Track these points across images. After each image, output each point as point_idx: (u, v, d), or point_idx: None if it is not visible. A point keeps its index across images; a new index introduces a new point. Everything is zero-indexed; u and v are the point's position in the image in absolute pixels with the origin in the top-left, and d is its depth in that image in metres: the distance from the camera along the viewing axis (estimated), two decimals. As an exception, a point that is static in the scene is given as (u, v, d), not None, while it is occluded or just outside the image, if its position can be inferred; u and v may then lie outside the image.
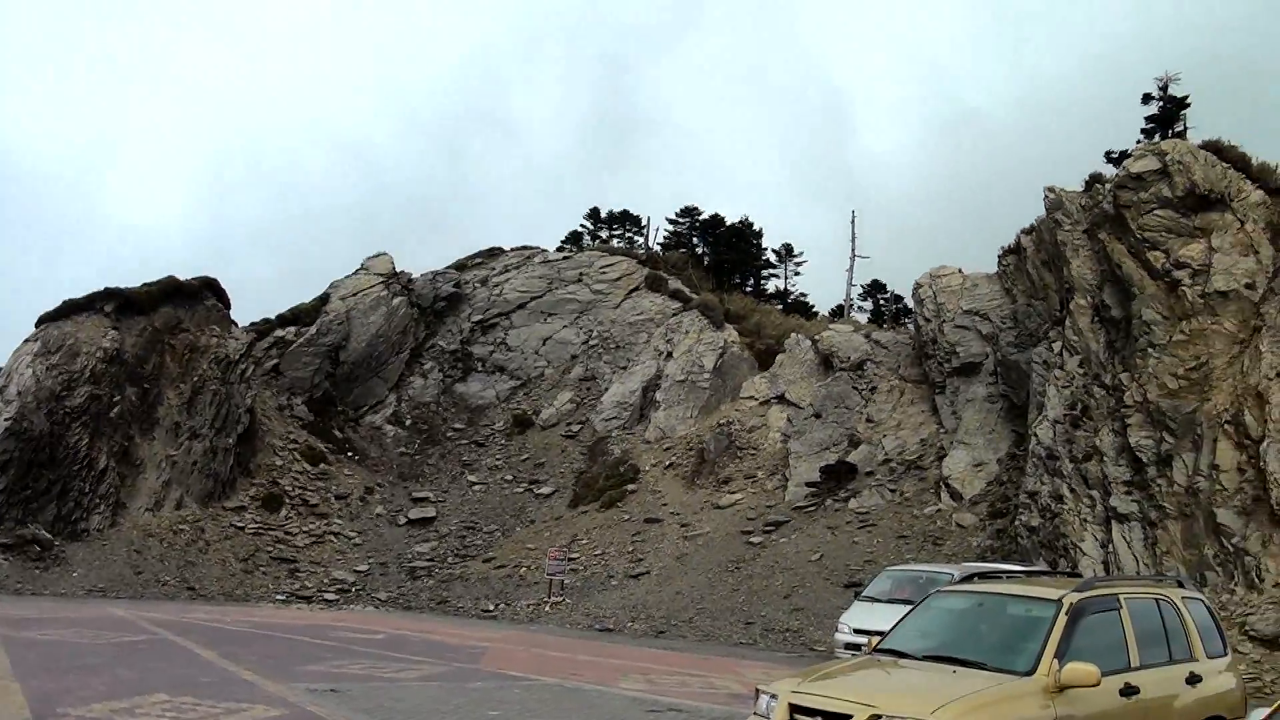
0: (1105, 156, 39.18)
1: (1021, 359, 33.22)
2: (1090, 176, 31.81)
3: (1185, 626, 9.80)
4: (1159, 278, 27.64)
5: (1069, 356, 29.68)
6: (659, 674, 19.04)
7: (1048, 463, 28.50)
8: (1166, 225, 27.97)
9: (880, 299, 59.95)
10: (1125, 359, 27.87)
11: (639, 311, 47.99)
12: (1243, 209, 27.71)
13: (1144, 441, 26.21)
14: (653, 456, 40.54)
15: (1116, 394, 27.57)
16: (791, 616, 28.33)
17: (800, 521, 33.87)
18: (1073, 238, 30.92)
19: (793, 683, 8.70)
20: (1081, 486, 27.27)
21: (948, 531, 31.29)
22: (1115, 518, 25.97)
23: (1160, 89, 39.51)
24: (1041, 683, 8.12)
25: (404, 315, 46.43)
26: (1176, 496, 25.11)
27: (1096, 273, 29.82)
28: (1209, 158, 28.77)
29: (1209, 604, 10.83)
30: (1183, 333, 26.70)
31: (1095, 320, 29.48)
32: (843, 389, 38.73)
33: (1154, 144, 31.11)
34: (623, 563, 34.45)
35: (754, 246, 60.19)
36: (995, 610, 9.58)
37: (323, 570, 36.02)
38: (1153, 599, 9.81)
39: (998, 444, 33.71)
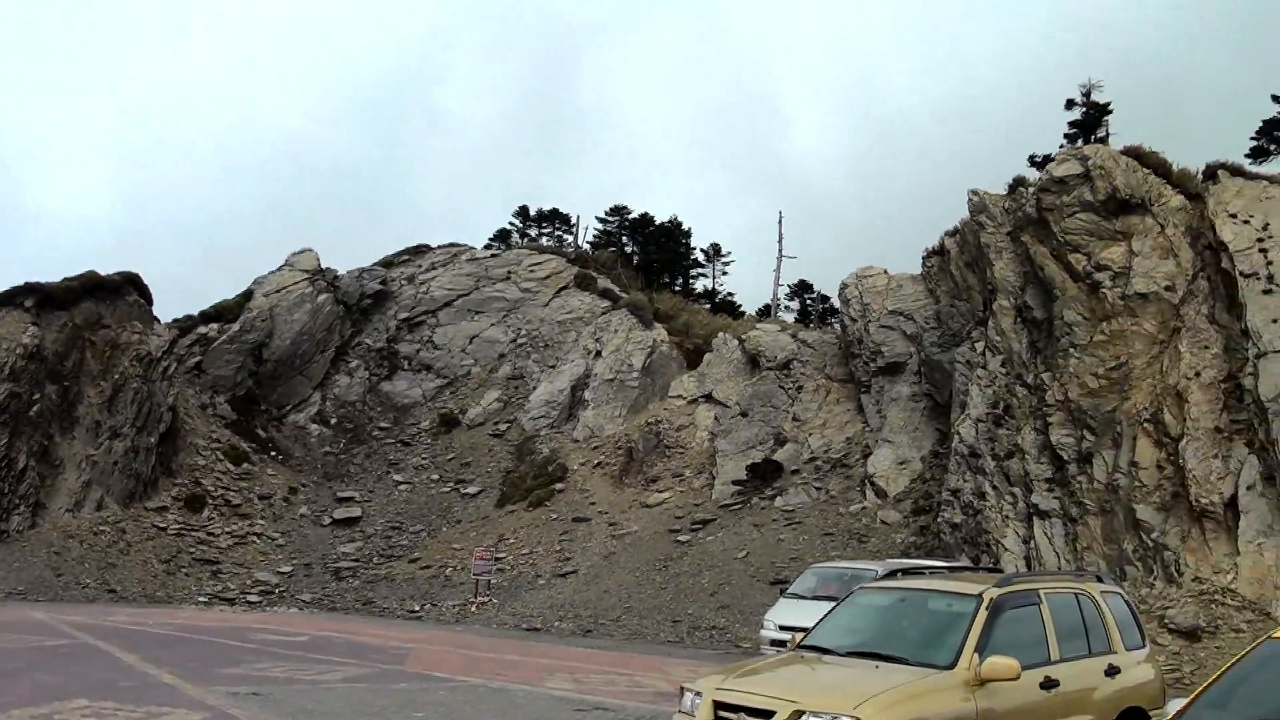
0: (1029, 160, 39.76)
1: (945, 359, 33.64)
2: (1014, 180, 32.27)
3: (1104, 620, 9.96)
4: (1080, 280, 28.13)
5: (992, 356, 30.11)
6: (586, 673, 19.00)
7: (970, 460, 28.90)
8: (1088, 228, 28.48)
9: (807, 299, 60.40)
10: (1047, 359, 28.34)
11: (568, 310, 47.93)
12: (1163, 213, 28.30)
13: (1065, 440, 26.70)
14: (581, 455, 40.48)
15: (1038, 393, 28.04)
16: (718, 614, 28.43)
17: (727, 520, 34.00)
18: (996, 240, 31.37)
19: (717, 680, 8.72)
20: (1003, 484, 27.69)
21: (872, 529, 31.61)
22: (1036, 514, 26.42)
23: (1083, 95, 40.22)
24: (963, 676, 8.22)
25: (329, 313, 45.86)
26: (1097, 493, 25.61)
27: (1019, 274, 30.29)
28: (1130, 163, 29.35)
29: (1127, 598, 11.02)
30: (1103, 333, 27.21)
31: (1018, 321, 29.95)
32: (769, 388, 38.96)
33: (1077, 149, 31.65)
34: (550, 562, 34.36)
35: (683, 246, 60.35)
36: (917, 606, 9.68)
37: (246, 572, 35.49)
38: (1072, 593, 9.96)
39: (921, 442, 34.11)
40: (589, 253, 55.02)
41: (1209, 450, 24.58)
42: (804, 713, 7.73)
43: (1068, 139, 39.05)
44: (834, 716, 7.61)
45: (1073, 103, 40.47)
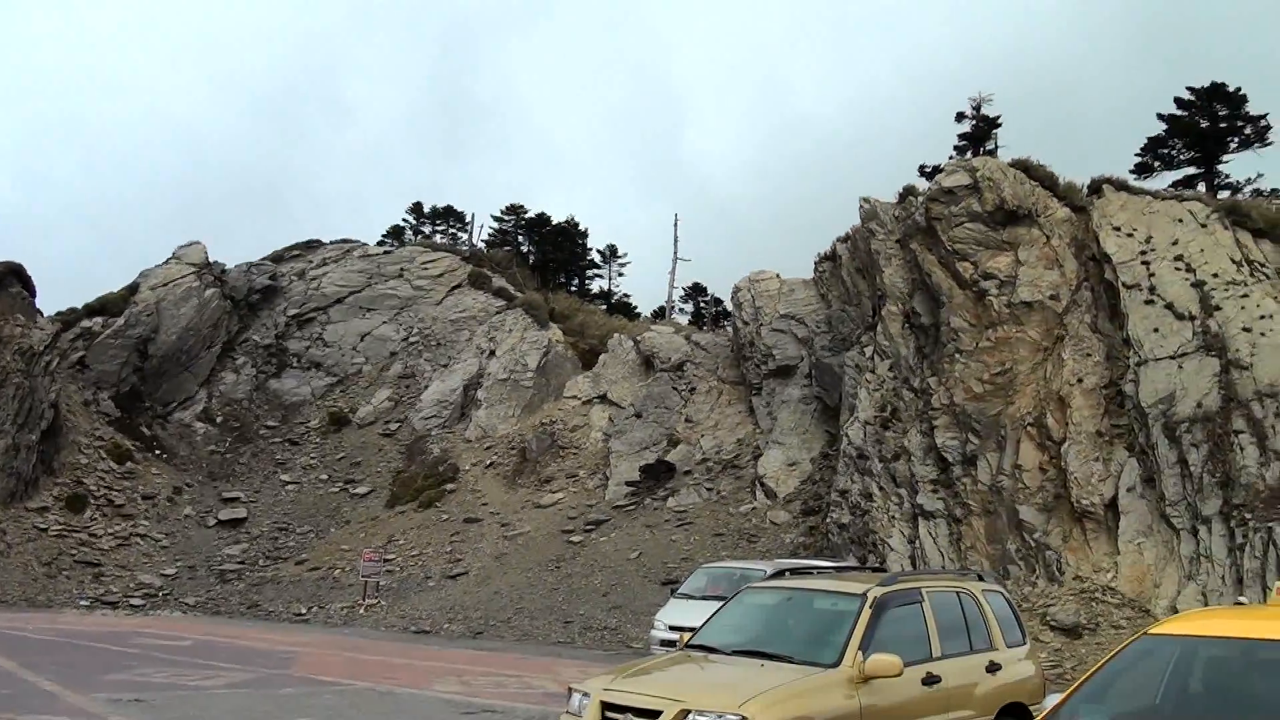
0: (919, 170, 40.53)
1: (835, 362, 34.10)
2: (904, 189, 32.79)
3: (985, 618, 10.17)
4: (967, 287, 28.76)
5: (880, 361, 30.61)
6: (474, 675, 18.89)
7: (858, 462, 29.34)
8: (976, 238, 29.12)
9: (701, 301, 60.69)
10: (934, 364, 28.90)
11: (461, 309, 47.53)
12: (1049, 225, 29.07)
13: (950, 442, 27.26)
14: (473, 456, 40.20)
15: (925, 397, 28.58)
16: (610, 614, 28.44)
17: (620, 520, 34.06)
18: (886, 247, 31.90)
19: (605, 680, 8.72)
20: (890, 485, 28.17)
21: (762, 529, 31.91)
22: (922, 515, 26.93)
23: (974, 108, 41.14)
24: (847, 674, 8.33)
25: (216, 308, 44.85)
26: (981, 494, 26.21)
27: (908, 281, 30.84)
28: (1018, 175, 30.09)
29: (1008, 596, 11.27)
30: (989, 340, 27.86)
31: (906, 326, 30.49)
32: (663, 389, 39.13)
33: (966, 160, 32.35)
34: (440, 563, 34.05)
35: (579, 246, 60.25)
36: (803, 605, 9.80)
37: (129, 574, 34.55)
38: (954, 592, 10.16)
39: (811, 444, 34.52)
40: (484, 251, 54.62)
41: (1090, 453, 25.34)
42: (690, 712, 7.76)
43: (958, 150, 39.89)
44: (719, 715, 7.65)
45: (963, 115, 41.37)
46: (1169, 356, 25.54)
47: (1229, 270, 26.68)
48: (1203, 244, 27.49)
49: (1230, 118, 39.10)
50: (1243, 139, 39.20)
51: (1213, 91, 39.12)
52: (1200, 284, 26.48)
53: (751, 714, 7.57)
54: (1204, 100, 39.20)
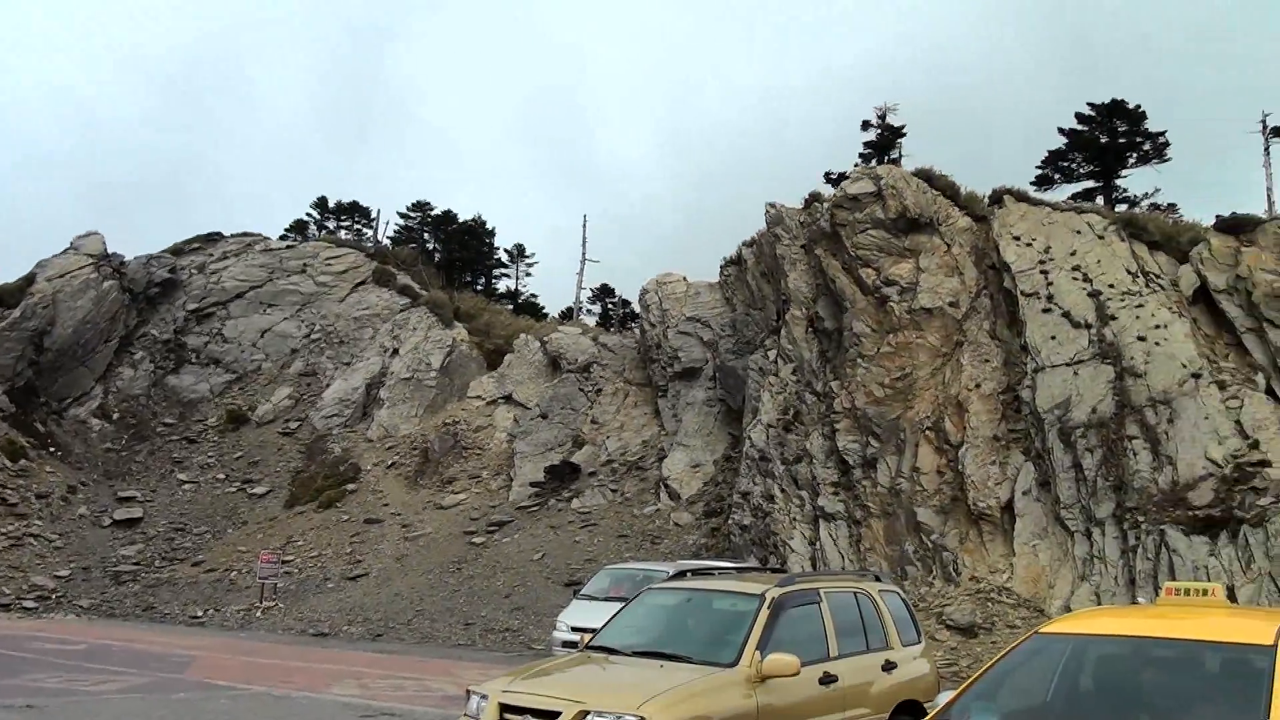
0: (825, 177, 41.03)
1: (739, 365, 34.32)
2: (810, 195, 33.08)
3: (881, 617, 10.30)
4: (870, 293, 29.12)
5: (783, 364, 30.86)
6: (373, 678, 18.67)
7: (760, 464, 29.54)
8: (879, 244, 29.50)
9: (609, 303, 60.73)
10: (836, 368, 29.21)
11: (365, 306, 46.89)
12: (950, 233, 29.58)
13: (851, 445, 27.58)
14: (375, 456, 39.71)
15: (827, 400, 28.88)
16: (511, 616, 28.28)
17: (523, 521, 33.89)
18: (791, 252, 32.17)
19: (504, 682, 8.65)
20: (791, 487, 28.41)
21: (666, 530, 31.97)
22: (823, 516, 27.21)
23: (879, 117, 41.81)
24: (745, 674, 8.36)
25: (114, 300, 43.68)
26: (880, 497, 26.56)
27: (812, 286, 31.14)
28: (921, 184, 30.57)
29: (904, 596, 11.42)
30: (890, 345, 28.24)
31: (809, 331, 30.78)
32: (569, 390, 39.05)
33: (870, 168, 32.77)
34: (340, 565, 33.56)
35: (486, 245, 59.83)
36: (702, 606, 9.82)
37: (21, 576, 33.41)
38: (851, 593, 10.27)
39: (715, 446, 34.69)
40: (389, 248, 53.94)
41: (987, 457, 25.81)
42: (588, 713, 7.73)
43: (863, 159, 40.49)
44: (618, 716, 7.63)
45: (868, 124, 42.02)
46: (1065, 363, 26.11)
47: (1125, 281, 27.35)
48: (1100, 255, 28.16)
49: (1129, 134, 40.24)
50: (1141, 155, 40.36)
51: (1113, 108, 40.21)
52: (1097, 294, 27.12)
53: (649, 714, 7.55)
54: (1104, 116, 40.28)
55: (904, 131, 41.46)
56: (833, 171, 40.67)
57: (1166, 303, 26.69)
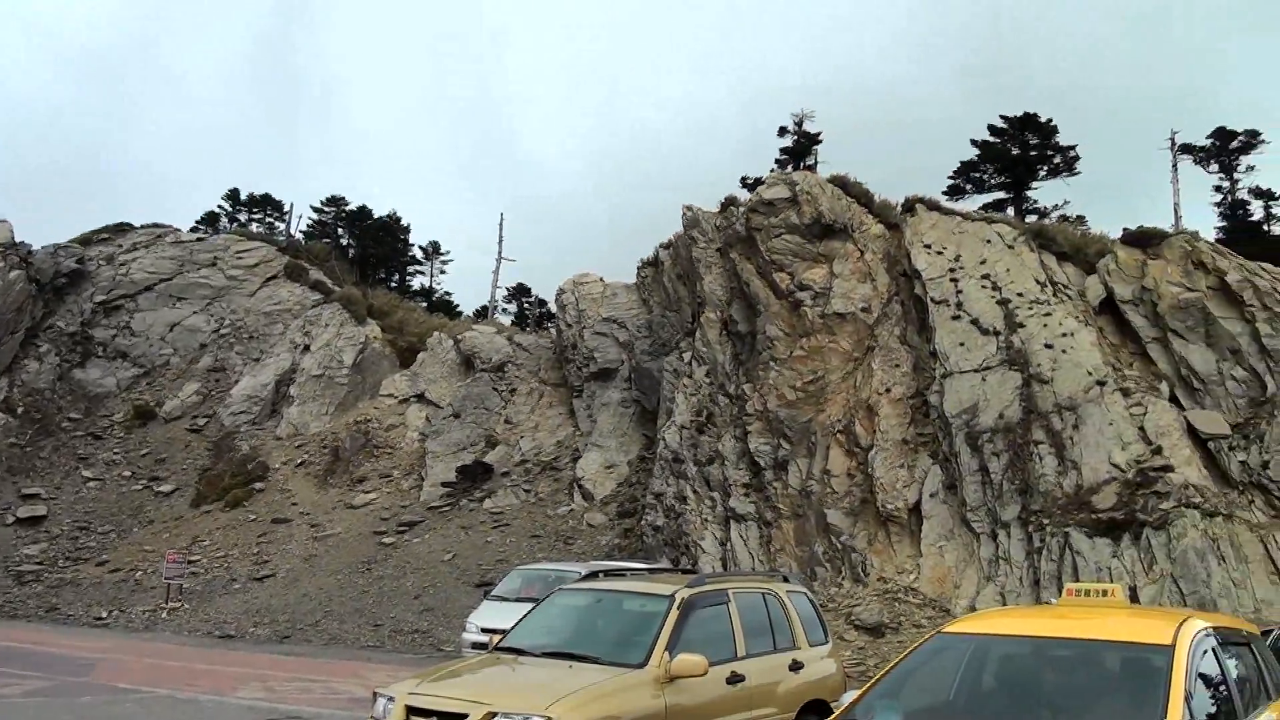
0: (741, 181, 41.37)
1: (655, 367, 34.39)
2: (726, 199, 33.33)
3: (789, 618, 10.38)
4: (783, 297, 29.37)
5: (698, 366, 30.99)
6: (280, 681, 18.41)
7: (674, 465, 29.64)
8: (793, 249, 29.78)
9: (525, 302, 60.59)
10: (749, 371, 29.42)
11: (276, 301, 46.11)
12: (863, 240, 29.96)
13: (763, 447, 27.79)
14: (284, 454, 39.07)
15: (739, 403, 29.07)
16: (421, 617, 28.02)
17: (434, 521, 33.60)
18: (707, 255, 32.34)
19: (411, 684, 8.57)
20: (704, 488, 28.54)
21: (579, 531, 31.90)
22: (734, 517, 27.37)
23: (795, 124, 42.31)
24: (653, 674, 8.37)
25: (20, 291, 42.31)
26: (791, 498, 26.80)
27: (727, 289, 31.33)
28: (835, 190, 30.94)
29: (811, 596, 11.52)
30: (802, 349, 28.52)
31: (723, 333, 30.96)
32: (483, 390, 38.82)
33: (786, 174, 33.09)
34: (247, 565, 32.95)
35: (401, 242, 59.32)
36: (612, 606, 9.82)
37: (-80, 576, 32.41)
38: (759, 593, 10.33)
39: (629, 447, 34.72)
40: (301, 243, 53.10)
41: (896, 460, 26.18)
42: (496, 714, 7.69)
43: (779, 164, 40.92)
44: (525, 717, 7.61)
45: (785, 130, 42.46)
46: (973, 370, 26.57)
47: (1033, 290, 27.91)
48: (1009, 264, 28.71)
49: (1040, 147, 41.14)
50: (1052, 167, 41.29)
51: (1025, 121, 41.08)
52: (1005, 302, 27.64)
53: (557, 715, 7.53)
54: (1016, 129, 41.15)
55: (820, 138, 42.02)
56: (749, 176, 41.02)
57: (1073, 312, 27.29)
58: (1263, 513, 23.81)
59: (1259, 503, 24.01)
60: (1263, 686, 7.09)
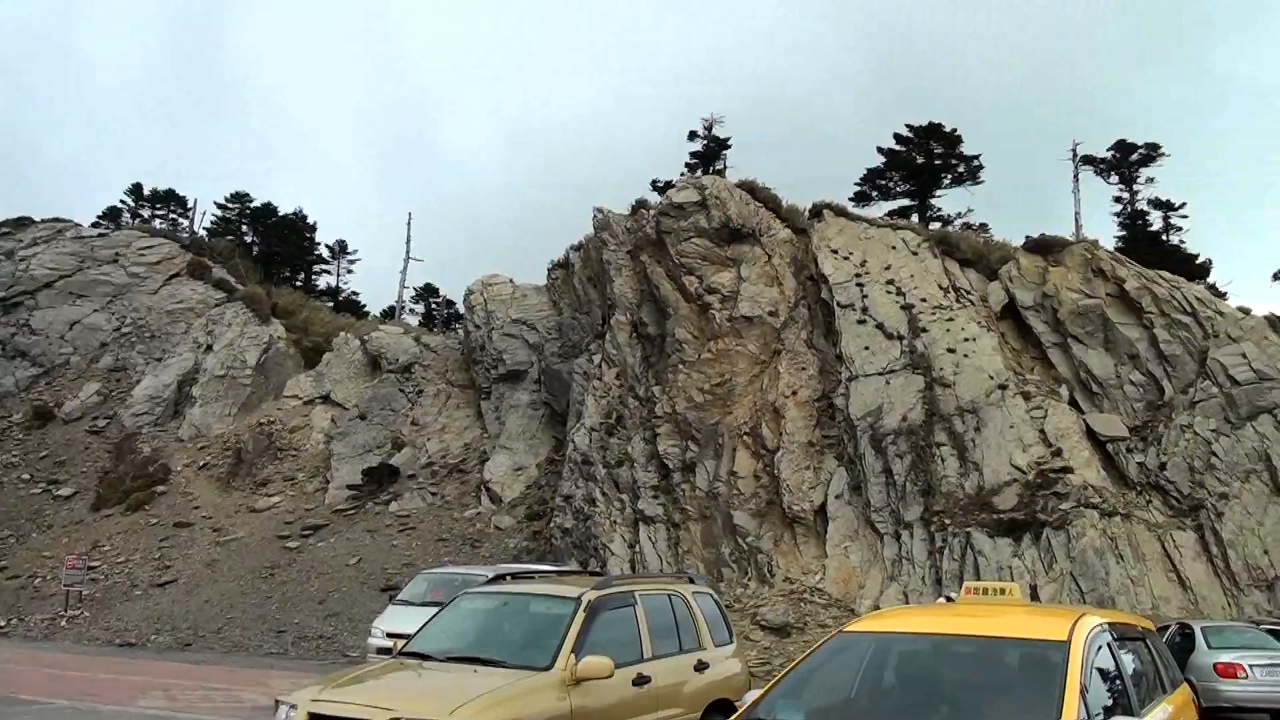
0: (652, 184, 41.50)
1: (564, 369, 34.35)
2: (637, 201, 33.42)
3: (695, 619, 10.45)
4: (692, 300, 29.54)
5: (608, 369, 31.03)
6: (182, 689, 18.11)
7: (583, 468, 29.64)
8: (702, 253, 29.97)
9: (433, 303, 60.04)
10: (658, 373, 29.52)
11: (179, 300, 45.04)
12: (771, 244, 30.26)
13: (671, 450, 27.92)
14: (186, 456, 38.26)
15: (649, 405, 29.16)
16: (326, 623, 27.68)
17: (340, 525, 33.19)
18: (617, 257, 32.38)
19: (313, 691, 8.45)
20: (613, 490, 28.58)
21: (486, 534, 31.75)
22: (642, 520, 27.46)
23: (705, 128, 42.57)
24: (559, 676, 8.36)
25: (-82, 287, 41.01)
26: (698, 500, 26.96)
27: (636, 292, 31.41)
28: (744, 195, 31.20)
29: (716, 597, 11.61)
30: (710, 352, 28.70)
31: (633, 336, 31.04)
32: (389, 391, 38.41)
33: (696, 178, 33.29)
34: (148, 570, 32.22)
35: (307, 240, 58.21)
36: (519, 609, 9.79)
37: None
38: (665, 595, 10.38)
39: (538, 449, 34.63)
40: (205, 240, 51.86)
41: (802, 462, 26.48)
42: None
43: (689, 168, 41.14)
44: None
45: (695, 134, 42.69)
46: (878, 373, 26.99)
47: (936, 295, 28.44)
48: (913, 270, 29.22)
49: (945, 156, 41.86)
50: (955, 176, 42.05)
51: (930, 130, 41.77)
52: (910, 307, 28.12)
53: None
54: (921, 138, 41.83)
55: (729, 143, 42.34)
56: (659, 180, 41.17)
57: (976, 317, 27.86)
58: (1160, 513, 24.53)
59: (1156, 503, 24.73)
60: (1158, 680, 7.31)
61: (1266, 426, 25.34)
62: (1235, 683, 16.75)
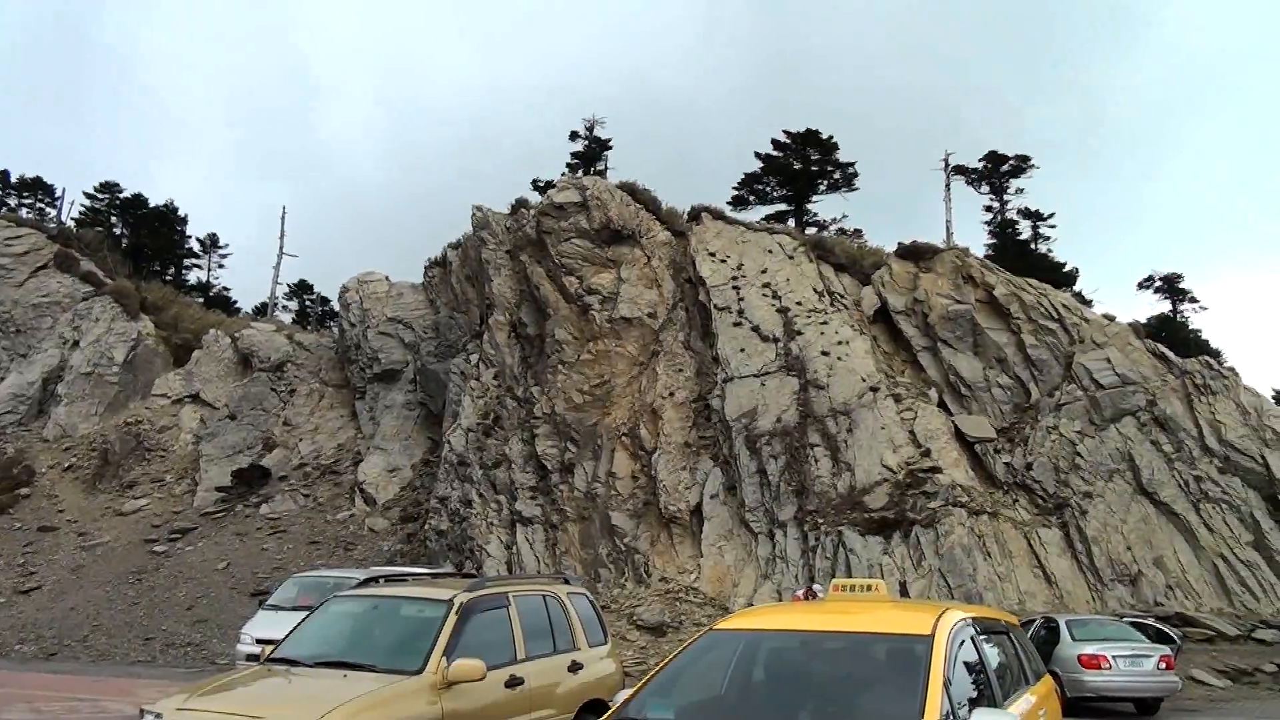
0: (533, 184, 41.43)
1: (441, 369, 34.08)
2: (517, 200, 33.34)
3: (569, 619, 10.46)
4: (572, 301, 29.56)
5: (485, 369, 30.88)
6: (46, 700, 17.51)
7: (459, 469, 29.44)
8: (582, 254, 30.02)
9: (307, 300, 59.03)
10: (537, 374, 29.48)
11: (45, 293, 43.40)
12: (650, 246, 30.44)
13: (549, 450, 27.89)
14: (51, 457, 36.99)
15: (527, 406, 29.10)
16: (195, 629, 27.04)
17: (209, 529, 32.44)
18: (496, 256, 32.25)
19: (180, 699, 8.24)
20: (490, 492, 28.45)
21: (360, 536, 31.33)
22: (520, 521, 27.39)
23: (587, 129, 42.61)
24: (430, 680, 8.28)
25: None
26: (576, 501, 26.98)
27: (516, 291, 31.32)
28: (625, 197, 31.36)
29: (591, 598, 11.63)
30: (590, 353, 28.76)
31: (512, 336, 30.94)
32: (260, 390, 37.64)
33: (577, 178, 33.32)
34: (11, 577, 31.05)
35: (178, 233, 56.56)
36: (389, 613, 9.68)
37: None
38: (540, 596, 10.37)
39: (413, 450, 34.30)
40: (73, 231, 50.03)
41: (679, 463, 26.67)
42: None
43: (570, 168, 41.14)
44: None
45: (576, 134, 42.74)
46: (753, 375, 27.32)
47: (811, 299, 28.92)
48: (789, 274, 29.65)
49: (821, 162, 42.60)
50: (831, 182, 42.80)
51: (807, 137, 42.44)
52: (785, 310, 28.53)
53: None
54: (799, 144, 42.47)
55: (610, 145, 42.48)
56: (540, 179, 41.11)
57: (849, 321, 28.39)
58: (1026, 511, 25.29)
59: (1023, 502, 25.49)
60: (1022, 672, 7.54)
61: (1129, 428, 26.31)
62: (1099, 673, 17.39)
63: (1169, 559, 24.55)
